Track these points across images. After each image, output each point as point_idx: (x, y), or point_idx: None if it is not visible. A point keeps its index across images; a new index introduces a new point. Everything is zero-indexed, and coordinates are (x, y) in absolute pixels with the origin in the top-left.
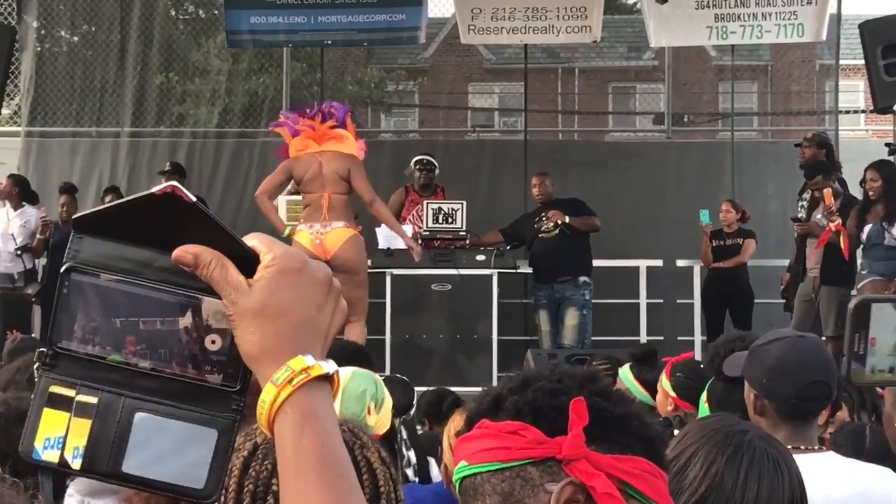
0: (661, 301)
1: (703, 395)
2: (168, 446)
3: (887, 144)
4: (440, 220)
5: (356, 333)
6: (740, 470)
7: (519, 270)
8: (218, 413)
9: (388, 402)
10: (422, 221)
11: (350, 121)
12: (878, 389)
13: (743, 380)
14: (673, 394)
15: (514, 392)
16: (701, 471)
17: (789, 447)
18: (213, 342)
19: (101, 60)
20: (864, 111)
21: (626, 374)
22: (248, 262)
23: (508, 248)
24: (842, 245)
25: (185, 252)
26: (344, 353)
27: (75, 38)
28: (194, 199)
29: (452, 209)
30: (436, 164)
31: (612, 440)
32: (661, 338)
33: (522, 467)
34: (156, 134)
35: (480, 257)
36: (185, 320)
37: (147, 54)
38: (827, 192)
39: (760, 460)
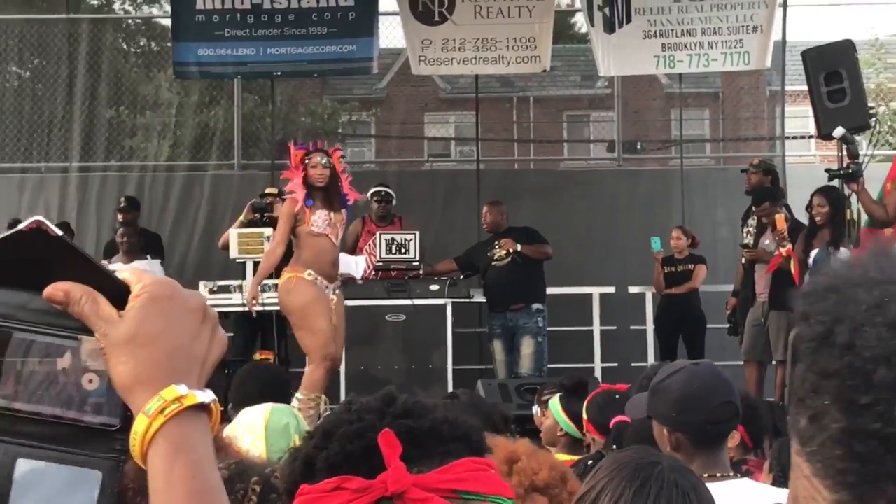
0: (615, 328)
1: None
2: (53, 491)
3: (827, 170)
4: (393, 251)
5: (307, 375)
6: (647, 502)
7: (473, 300)
8: (102, 454)
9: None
10: (376, 251)
11: (295, 152)
12: None
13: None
14: (585, 416)
15: (320, 448)
16: None
17: (705, 475)
18: (91, 381)
19: (50, 94)
20: (812, 136)
21: (554, 405)
22: (121, 296)
23: (462, 277)
24: (792, 270)
25: (55, 289)
26: (257, 383)
27: (26, 73)
28: (60, 233)
29: (406, 239)
30: (392, 194)
31: (432, 454)
32: (616, 364)
33: None
34: (105, 168)
35: (434, 287)
36: (63, 361)
37: (96, 88)
38: (779, 217)
39: (669, 492)
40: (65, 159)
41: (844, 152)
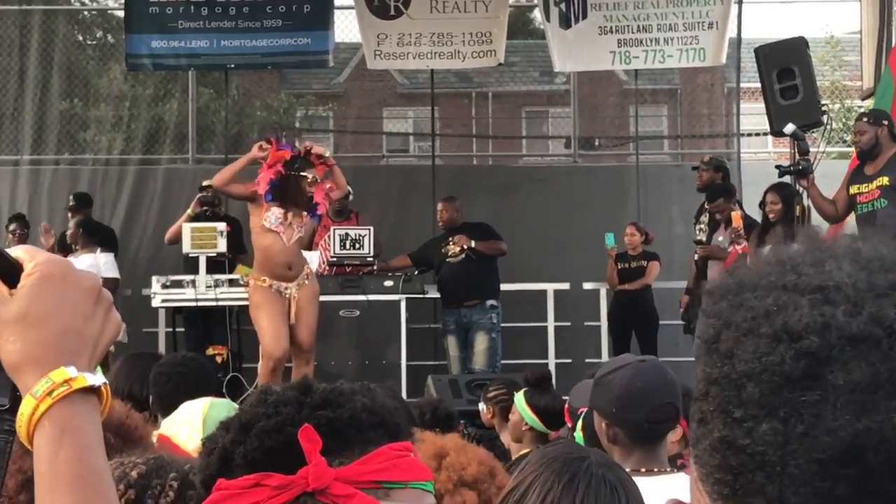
0: (569, 324)
1: (579, 424)
2: None
3: (777, 166)
4: (347, 246)
5: (259, 371)
6: (576, 496)
7: (427, 295)
8: None
9: None
10: (329, 248)
11: (273, 146)
12: None
13: None
14: (567, 404)
15: (237, 442)
16: (538, 499)
17: (642, 470)
18: None
19: (1, 86)
20: (767, 133)
21: (519, 400)
22: (13, 274)
23: (416, 273)
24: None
25: None
26: (178, 378)
27: None
28: None
29: (360, 235)
30: (350, 190)
31: (352, 444)
32: (570, 360)
33: None
34: (57, 161)
35: (388, 283)
36: None
37: (48, 80)
38: (735, 214)
39: (598, 486)
40: (16, 152)
41: (796, 149)
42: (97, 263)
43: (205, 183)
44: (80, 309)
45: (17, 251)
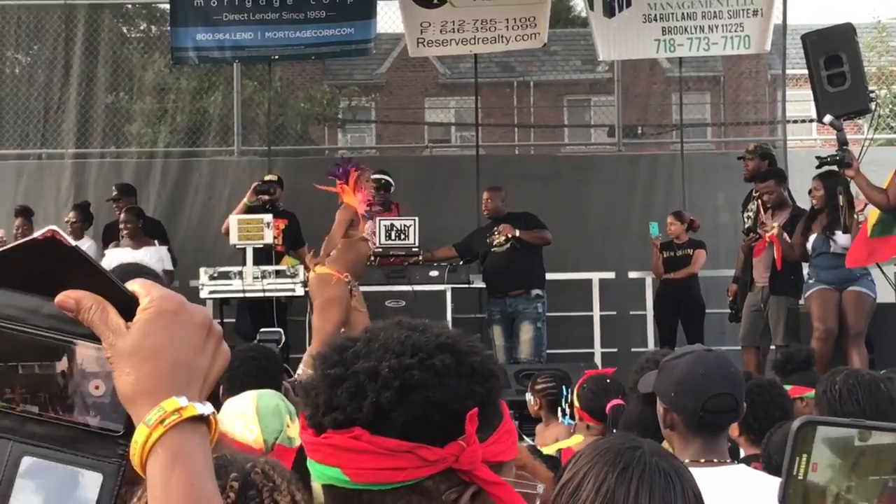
0: (615, 313)
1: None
2: (54, 490)
3: (817, 157)
4: (393, 237)
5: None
6: (631, 486)
7: (472, 285)
8: (104, 457)
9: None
10: (375, 238)
11: (352, 171)
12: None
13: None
14: (578, 405)
15: (397, 404)
16: (593, 490)
17: (701, 461)
18: (97, 387)
19: (46, 79)
20: (813, 120)
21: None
22: (129, 307)
23: (461, 263)
24: (775, 255)
25: (67, 297)
26: (252, 366)
27: (26, 59)
28: (73, 243)
29: (405, 225)
30: (392, 182)
31: (491, 421)
32: (616, 349)
33: (419, 483)
34: (102, 154)
35: (434, 273)
36: (62, 364)
37: (93, 73)
38: (764, 212)
39: (652, 475)
40: (61, 145)
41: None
42: (161, 256)
43: (266, 177)
44: (192, 343)
45: (132, 285)
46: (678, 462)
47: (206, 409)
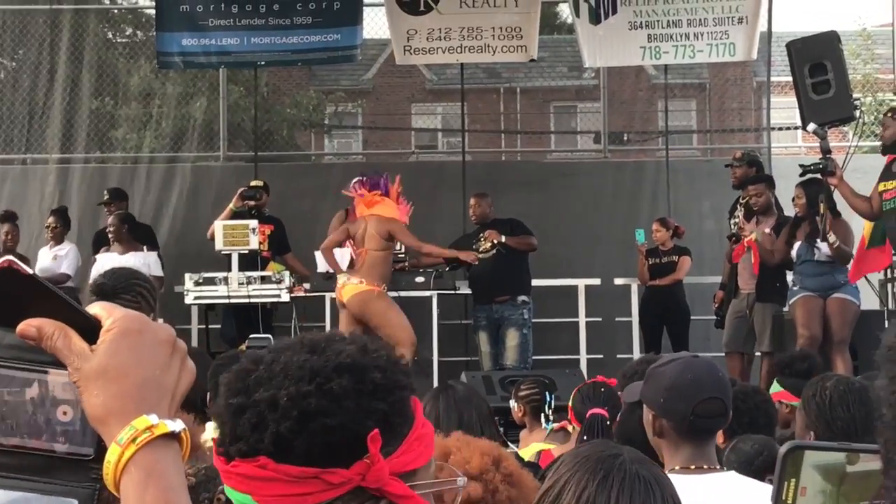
0: (600, 319)
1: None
2: None
3: (801, 165)
4: None
5: None
6: (612, 493)
7: (458, 291)
8: (78, 483)
9: None
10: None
11: (392, 186)
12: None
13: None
14: (570, 405)
15: (297, 433)
16: (574, 497)
17: (692, 467)
18: (65, 413)
19: (31, 84)
20: (798, 128)
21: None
22: (93, 330)
23: (447, 269)
24: (752, 260)
25: (28, 326)
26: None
27: (11, 64)
28: (31, 271)
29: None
30: None
31: (398, 434)
32: (601, 356)
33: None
34: (86, 160)
35: (420, 279)
36: (32, 391)
37: (78, 78)
38: (743, 220)
39: (632, 482)
40: (46, 150)
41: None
42: (148, 262)
43: (252, 183)
44: (158, 360)
45: (94, 308)
46: (658, 469)
47: (177, 425)
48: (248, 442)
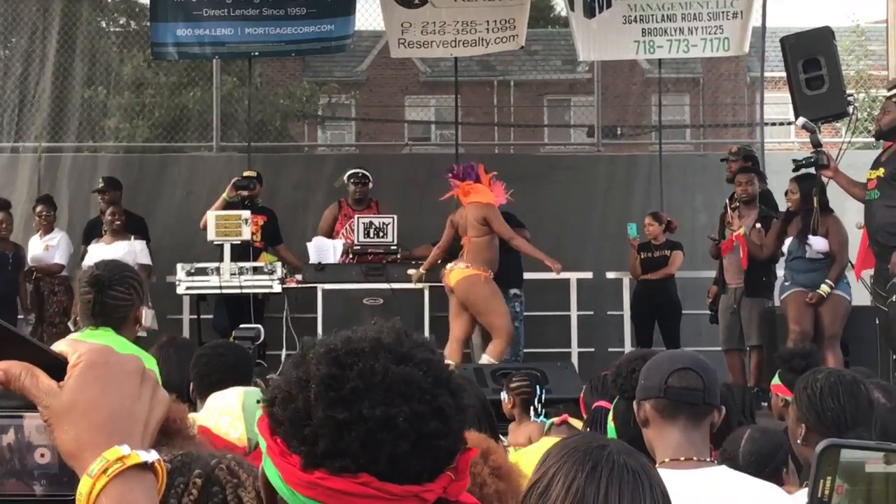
0: (592, 313)
1: (610, 415)
2: None
3: (794, 160)
4: (371, 235)
5: (493, 350)
6: (601, 484)
7: None
8: None
9: None
10: (353, 235)
11: (482, 172)
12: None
13: None
14: (581, 395)
15: (410, 455)
16: (563, 489)
17: (681, 458)
18: (42, 455)
19: (22, 72)
20: (790, 123)
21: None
22: (59, 368)
23: (440, 261)
24: (741, 255)
25: None
26: (221, 364)
27: (4, 51)
28: None
29: (384, 223)
30: (369, 177)
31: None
32: (593, 349)
33: None
34: (78, 148)
35: (412, 271)
36: (9, 437)
37: (70, 66)
38: (731, 213)
39: (620, 473)
40: (38, 139)
41: (810, 141)
42: (134, 250)
43: (246, 173)
44: (127, 391)
45: (59, 346)
46: (645, 460)
47: (150, 456)
48: (356, 460)
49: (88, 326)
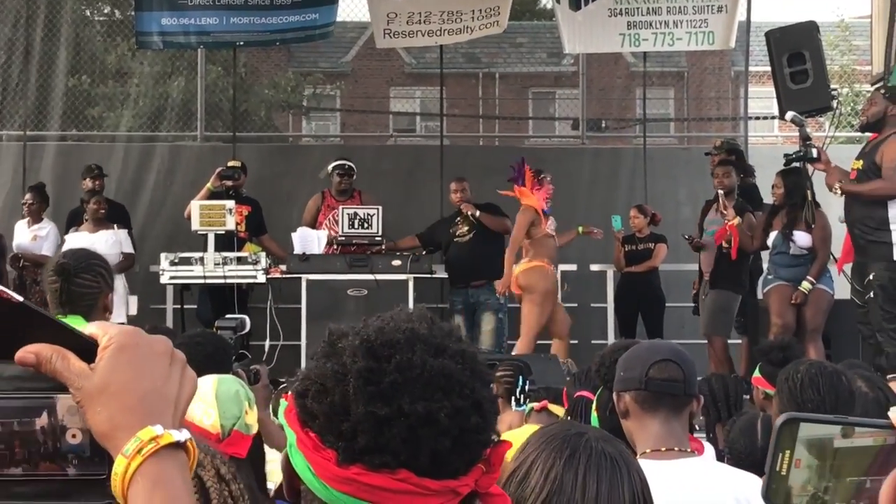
0: (576, 305)
1: (594, 405)
2: None
3: (785, 154)
4: (356, 226)
5: (557, 349)
6: (578, 471)
7: (435, 275)
8: (95, 503)
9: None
10: (338, 226)
11: (528, 173)
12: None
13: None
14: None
15: (450, 451)
16: (541, 476)
17: (662, 449)
18: (74, 436)
19: (6, 60)
20: (775, 117)
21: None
22: (90, 350)
23: (424, 252)
24: (731, 244)
25: (25, 353)
26: (198, 354)
27: None
28: (20, 299)
29: (368, 214)
30: (354, 168)
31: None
32: (576, 341)
33: None
34: (63, 137)
35: (396, 262)
36: (42, 420)
37: (54, 54)
38: (723, 199)
39: (598, 460)
40: (22, 127)
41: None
42: (119, 240)
43: (230, 163)
44: (157, 372)
45: (90, 328)
46: (623, 447)
47: (183, 435)
48: (396, 456)
49: (57, 315)
